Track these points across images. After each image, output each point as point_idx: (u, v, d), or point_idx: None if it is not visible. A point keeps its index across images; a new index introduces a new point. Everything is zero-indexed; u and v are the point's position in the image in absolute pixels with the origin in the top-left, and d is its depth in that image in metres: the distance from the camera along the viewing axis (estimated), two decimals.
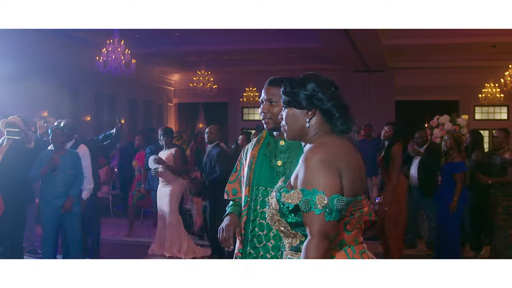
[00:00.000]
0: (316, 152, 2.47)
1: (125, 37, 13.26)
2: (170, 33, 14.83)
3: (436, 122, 10.19)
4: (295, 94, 2.62)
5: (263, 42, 16.01)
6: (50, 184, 7.20)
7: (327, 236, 2.37)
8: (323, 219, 2.36)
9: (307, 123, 2.61)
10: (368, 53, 16.89)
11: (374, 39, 14.60)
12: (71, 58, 15.09)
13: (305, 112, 2.62)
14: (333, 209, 2.36)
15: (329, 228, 2.37)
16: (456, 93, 19.77)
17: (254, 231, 3.34)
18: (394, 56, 18.24)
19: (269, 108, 3.32)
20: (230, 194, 3.63)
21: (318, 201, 2.35)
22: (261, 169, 3.37)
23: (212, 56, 18.19)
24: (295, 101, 2.62)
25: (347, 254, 2.55)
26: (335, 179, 2.41)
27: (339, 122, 2.61)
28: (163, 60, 19.36)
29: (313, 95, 2.59)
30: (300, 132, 2.65)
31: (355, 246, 2.59)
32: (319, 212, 2.35)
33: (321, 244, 2.36)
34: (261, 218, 3.29)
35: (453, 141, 7.77)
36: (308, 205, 2.37)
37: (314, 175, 2.40)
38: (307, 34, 14.60)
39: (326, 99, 2.59)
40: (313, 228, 2.37)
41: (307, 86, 2.60)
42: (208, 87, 18.53)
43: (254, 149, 3.47)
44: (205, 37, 15.19)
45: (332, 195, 2.37)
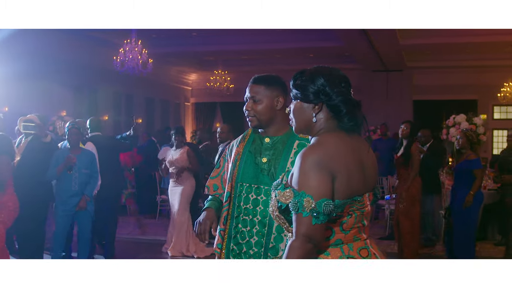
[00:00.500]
0: (311, 153, 2.44)
1: (142, 37, 13.32)
2: (187, 33, 14.85)
3: (452, 121, 10.17)
4: (304, 88, 2.59)
5: (280, 42, 15.99)
6: (65, 183, 7.23)
7: (311, 239, 2.36)
8: (309, 222, 2.35)
9: (314, 117, 2.58)
10: (386, 53, 16.83)
11: (392, 39, 14.55)
12: (89, 58, 15.17)
13: (312, 106, 2.59)
14: (320, 212, 2.34)
15: (314, 231, 2.36)
16: (474, 92, 19.61)
17: (237, 227, 3.32)
18: (412, 55, 18.15)
19: (252, 105, 3.40)
20: (211, 189, 3.62)
21: (305, 204, 2.34)
22: (245, 166, 3.36)
23: (229, 56, 18.20)
24: (303, 95, 2.60)
25: (342, 251, 2.51)
26: (325, 183, 2.38)
27: (346, 118, 2.55)
28: (180, 59, 19.39)
29: (320, 89, 2.55)
30: (307, 125, 2.63)
31: (353, 243, 2.54)
32: (306, 215, 2.34)
33: (304, 246, 2.36)
34: (245, 214, 3.30)
35: (466, 140, 7.76)
36: (297, 207, 2.36)
37: (305, 177, 2.39)
38: (325, 34, 14.57)
39: (333, 94, 2.55)
40: (299, 229, 2.37)
41: (316, 81, 2.57)
42: (225, 87, 18.55)
43: (239, 146, 3.49)
44: (222, 37, 15.20)
45: (320, 199, 2.34)
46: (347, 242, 2.52)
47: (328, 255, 2.49)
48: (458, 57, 18.09)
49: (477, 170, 7.59)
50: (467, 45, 16.09)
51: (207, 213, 3.42)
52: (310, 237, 2.35)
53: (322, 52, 17.50)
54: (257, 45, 16.43)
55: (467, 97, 19.57)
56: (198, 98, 22.83)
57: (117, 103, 17.69)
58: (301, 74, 2.64)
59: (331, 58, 18.30)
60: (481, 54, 17.48)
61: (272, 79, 3.43)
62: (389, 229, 10.36)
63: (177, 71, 21.39)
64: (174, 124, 17.08)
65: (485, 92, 19.33)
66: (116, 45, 13.86)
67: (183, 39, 15.74)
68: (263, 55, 18.39)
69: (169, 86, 21.09)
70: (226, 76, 18.69)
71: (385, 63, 18.56)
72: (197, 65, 20.62)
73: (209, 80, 18.86)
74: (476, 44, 15.85)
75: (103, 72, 15.21)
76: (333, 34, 14.32)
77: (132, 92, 18.17)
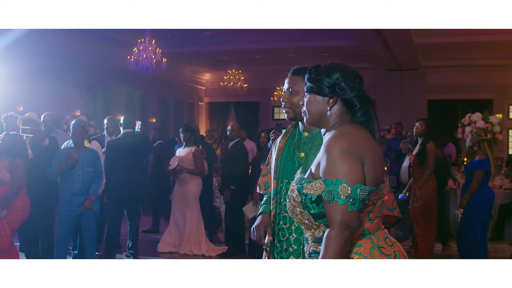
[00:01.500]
0: (338, 142, 2.46)
1: (156, 36, 13.35)
2: (201, 33, 14.87)
3: (468, 120, 10.11)
4: (319, 81, 2.63)
5: (294, 41, 15.98)
6: (68, 181, 7.08)
7: (348, 227, 2.37)
8: (345, 210, 2.36)
9: (328, 111, 2.62)
10: (400, 52, 16.77)
11: (406, 38, 14.50)
12: (103, 57, 15.22)
13: (326, 100, 2.62)
14: (356, 199, 2.36)
15: (351, 218, 2.37)
16: (490, 91, 19.48)
17: (279, 224, 3.32)
18: (426, 54, 18.06)
19: (289, 97, 3.35)
20: (262, 188, 3.62)
21: (341, 192, 2.35)
22: (285, 162, 3.34)
23: (243, 55, 18.21)
24: (318, 88, 2.63)
25: (372, 242, 2.55)
26: (357, 169, 2.41)
27: (359, 113, 2.60)
28: (194, 59, 19.42)
29: (336, 83, 2.60)
30: (320, 118, 2.66)
31: (378, 233, 2.60)
32: (342, 202, 2.35)
33: (342, 235, 2.36)
34: (285, 211, 3.27)
35: (474, 140, 7.72)
36: (331, 196, 2.37)
37: (336, 165, 2.40)
38: (339, 33, 14.54)
39: (349, 89, 2.59)
40: (335, 218, 2.37)
41: (332, 75, 2.61)
42: (239, 86, 18.56)
43: (281, 141, 3.46)
44: (236, 36, 15.21)
45: (355, 185, 2.37)
46: (373, 232, 2.58)
47: (360, 247, 2.53)
48: (473, 56, 17.98)
49: (477, 172, 7.52)
50: (482, 44, 15.99)
51: (261, 218, 3.42)
52: (347, 225, 2.36)
53: (336, 51, 17.45)
54: (271, 44, 16.43)
55: (483, 96, 19.44)
56: (212, 98, 22.86)
57: (131, 103, 17.73)
58: (316, 68, 2.69)
59: (345, 57, 18.22)
60: (496, 53, 17.36)
61: None
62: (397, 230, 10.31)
63: (191, 71, 21.42)
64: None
65: (500, 91, 19.21)
66: (130, 45, 13.90)
67: (197, 38, 15.76)
68: (277, 55, 18.38)
69: (183, 85, 21.13)
70: (239, 75, 18.70)
71: (400, 62, 18.48)
72: (211, 65, 20.64)
73: (223, 80, 18.88)
74: (492, 43, 15.75)
75: (117, 71, 15.27)
76: (348, 33, 14.29)
77: (146, 91, 18.22)
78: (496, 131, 9.86)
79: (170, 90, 19.83)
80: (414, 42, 15.16)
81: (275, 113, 22.38)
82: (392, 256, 2.56)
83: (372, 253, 2.52)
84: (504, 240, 9.97)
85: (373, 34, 13.91)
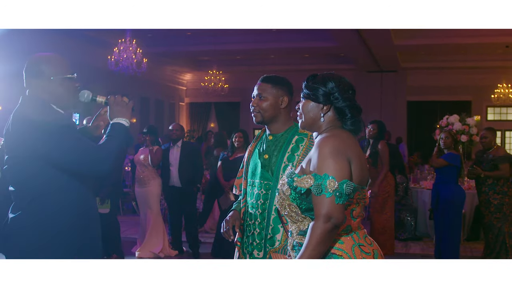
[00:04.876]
0: (329, 141, 2.69)
1: (137, 36, 13.31)
2: (182, 33, 14.86)
3: (445, 122, 10.21)
4: (315, 89, 2.86)
5: (275, 42, 16.01)
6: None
7: (332, 218, 2.55)
8: (332, 202, 2.56)
9: (322, 117, 2.86)
10: (380, 53, 16.87)
11: (386, 40, 14.59)
12: (84, 57, 15.15)
13: (321, 107, 2.86)
14: (342, 193, 2.56)
15: (335, 211, 2.55)
16: (468, 93, 19.67)
17: (246, 221, 3.58)
18: (406, 56, 18.20)
19: (258, 102, 3.56)
20: (238, 188, 3.84)
21: (329, 185, 2.56)
22: (253, 163, 3.62)
23: (224, 56, 18.22)
24: (314, 95, 2.86)
25: (353, 239, 2.73)
26: (345, 166, 2.63)
27: (349, 122, 2.85)
28: (175, 59, 19.40)
29: (331, 93, 2.83)
30: (313, 123, 2.89)
31: (359, 231, 2.78)
32: (329, 195, 2.55)
33: (326, 225, 2.55)
34: (250, 208, 3.56)
35: (451, 140, 7.85)
36: (320, 189, 2.57)
37: (326, 162, 2.62)
38: (320, 34, 14.61)
39: (342, 99, 2.84)
40: (321, 210, 2.57)
41: (327, 84, 2.84)
42: (219, 87, 18.53)
43: (252, 145, 3.73)
44: (217, 36, 15.21)
45: (341, 180, 2.58)
46: (354, 230, 2.77)
47: (342, 244, 2.70)
48: (453, 58, 18.14)
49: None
50: (462, 46, 16.15)
51: (231, 214, 3.61)
52: (331, 216, 2.55)
53: (317, 52, 17.54)
54: (252, 45, 16.46)
55: (461, 98, 19.64)
56: (192, 98, 22.85)
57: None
58: (314, 77, 2.93)
59: (326, 59, 18.35)
60: (475, 55, 17.55)
61: (279, 79, 3.64)
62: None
63: (172, 71, 21.39)
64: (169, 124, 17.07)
65: (479, 93, 19.40)
66: (110, 45, 13.85)
67: (178, 39, 15.75)
68: (257, 55, 18.43)
69: (163, 85, 21.10)
70: (220, 76, 18.67)
71: (380, 64, 18.60)
72: (192, 65, 20.63)
73: (204, 80, 18.83)
74: (471, 45, 15.91)
75: (97, 71, 15.20)
76: (328, 34, 14.36)
77: (126, 91, 18.07)
78: (473, 133, 9.99)
79: (151, 91, 19.79)
80: (394, 44, 15.26)
81: None
82: (371, 254, 2.73)
83: (353, 250, 2.69)
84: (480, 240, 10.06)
85: (353, 36, 13.99)
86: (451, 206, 7.72)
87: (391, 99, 19.61)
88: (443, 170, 7.82)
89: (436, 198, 7.92)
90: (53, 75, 3.20)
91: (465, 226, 9.81)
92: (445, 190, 7.75)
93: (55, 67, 3.24)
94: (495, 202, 7.90)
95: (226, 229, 3.51)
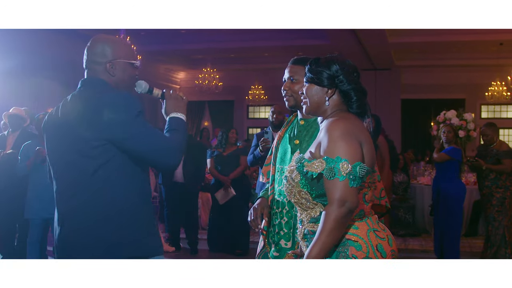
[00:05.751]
0: (339, 124, 2.64)
1: (130, 34, 13.26)
2: (175, 31, 14.81)
3: (443, 117, 10.22)
4: (319, 72, 2.81)
5: (268, 40, 16.01)
6: (39, 175, 6.55)
7: (346, 202, 2.48)
8: (345, 186, 2.50)
9: (327, 101, 2.80)
10: (374, 51, 16.86)
11: (380, 38, 14.58)
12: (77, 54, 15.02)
13: (325, 90, 2.80)
14: (356, 176, 2.51)
15: (349, 194, 2.50)
16: (462, 91, 19.69)
17: (273, 209, 3.45)
18: (400, 54, 18.19)
19: (290, 85, 3.45)
20: (265, 176, 3.71)
21: (341, 168, 2.50)
22: (282, 149, 3.48)
23: (218, 54, 18.18)
24: (318, 79, 2.81)
25: (368, 225, 2.69)
26: (357, 148, 2.58)
27: (355, 105, 2.81)
28: (169, 57, 19.34)
29: (335, 75, 2.79)
30: (318, 107, 2.84)
31: (371, 217, 2.76)
32: (342, 179, 2.50)
33: (341, 209, 2.48)
34: (278, 196, 3.42)
35: (453, 134, 7.85)
36: (332, 172, 2.51)
37: (338, 145, 2.56)
38: (314, 32, 14.58)
39: (347, 81, 2.79)
40: (334, 194, 2.51)
41: (331, 67, 2.81)
42: (213, 85, 18.49)
43: (282, 131, 3.60)
44: (211, 35, 15.17)
45: (354, 163, 2.52)
46: (368, 215, 2.75)
47: (357, 229, 2.66)
48: (446, 56, 18.15)
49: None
50: (455, 44, 16.15)
51: (259, 201, 3.50)
52: (345, 201, 2.49)
53: (311, 50, 17.48)
54: (245, 43, 16.44)
55: (455, 96, 19.63)
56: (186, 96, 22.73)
57: None
58: (317, 60, 2.88)
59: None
60: (469, 53, 17.55)
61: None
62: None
63: (166, 69, 21.34)
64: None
65: (473, 91, 19.42)
66: None
67: (171, 37, 15.70)
68: (251, 54, 18.40)
69: (157, 84, 21.01)
70: (214, 74, 18.63)
71: (374, 62, 18.59)
72: (186, 63, 20.57)
73: (198, 78, 18.78)
74: (464, 43, 15.92)
75: None
76: (322, 32, 14.34)
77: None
78: (470, 129, 10.00)
79: None
80: (388, 42, 15.25)
81: (250, 112, 22.39)
82: (385, 239, 2.69)
83: (368, 236, 2.65)
84: (478, 236, 10.09)
85: (347, 34, 13.98)
86: (452, 201, 7.73)
87: (385, 97, 19.60)
88: (444, 165, 7.82)
89: (436, 193, 7.92)
90: (116, 58, 3.08)
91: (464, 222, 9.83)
92: (446, 185, 7.75)
93: (119, 50, 3.13)
94: (498, 195, 7.93)
95: (253, 217, 3.40)
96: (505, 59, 16.48)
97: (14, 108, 7.62)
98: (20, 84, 12.57)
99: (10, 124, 7.56)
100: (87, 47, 3.15)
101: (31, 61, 12.64)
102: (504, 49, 15.95)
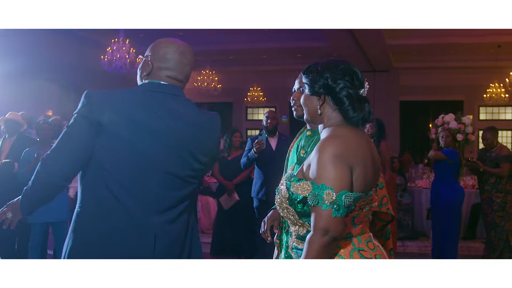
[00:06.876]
0: (330, 145, 2.44)
1: (130, 36, 13.29)
2: (174, 33, 14.82)
3: (441, 121, 10.24)
4: (310, 80, 2.66)
5: (267, 42, 16.01)
6: None
7: (329, 232, 2.33)
8: (329, 215, 2.33)
9: (319, 109, 2.64)
10: (373, 53, 16.88)
11: (379, 39, 14.60)
12: (76, 57, 15.12)
13: (316, 98, 2.64)
14: (341, 205, 2.34)
15: (332, 224, 2.34)
16: (460, 93, 19.73)
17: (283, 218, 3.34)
18: (399, 56, 18.22)
19: (298, 95, 3.35)
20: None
21: (326, 197, 2.33)
22: (291, 160, 3.44)
23: (217, 56, 18.19)
24: (308, 87, 2.67)
25: (353, 244, 2.56)
26: (345, 175, 2.39)
27: (350, 112, 2.58)
28: None
29: (324, 83, 2.61)
30: (314, 116, 2.69)
31: (361, 236, 2.60)
32: (326, 207, 2.33)
33: (322, 239, 2.34)
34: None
35: (452, 139, 7.87)
36: (316, 200, 2.36)
37: (325, 170, 2.38)
38: (312, 34, 14.61)
39: (337, 87, 2.60)
40: (317, 223, 2.36)
41: (321, 73, 2.63)
42: (212, 87, 18.51)
43: (293, 141, 3.54)
44: (210, 36, 15.19)
45: (340, 191, 2.35)
46: (356, 235, 2.58)
47: (339, 248, 2.53)
48: (445, 58, 18.17)
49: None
50: (454, 46, 16.17)
51: (271, 213, 3.49)
52: (328, 230, 2.33)
53: (309, 52, 17.50)
54: (244, 45, 16.45)
55: (454, 98, 19.68)
56: None
57: None
58: (308, 67, 2.73)
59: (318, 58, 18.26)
60: (467, 55, 17.57)
61: None
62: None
63: None
64: None
65: (471, 92, 19.45)
66: (103, 45, 13.82)
67: None
68: (250, 55, 18.39)
69: None
70: (213, 76, 18.66)
71: (372, 64, 18.61)
72: None
73: (197, 80, 18.81)
74: (463, 45, 15.94)
75: (91, 71, 15.17)
76: (320, 34, 14.36)
77: None
78: (469, 132, 10.02)
79: None
80: (386, 44, 15.27)
81: (249, 114, 22.40)
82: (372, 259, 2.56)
83: (352, 255, 2.53)
84: (476, 239, 10.11)
85: (346, 35, 14.00)
86: (451, 205, 7.74)
87: (383, 99, 19.62)
88: (442, 168, 7.82)
89: (435, 197, 7.93)
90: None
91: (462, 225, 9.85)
92: (444, 188, 7.75)
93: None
94: (498, 200, 7.92)
95: (264, 229, 3.40)
96: (503, 61, 16.52)
97: (10, 113, 7.60)
98: (20, 87, 12.58)
99: (6, 129, 7.53)
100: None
101: (30, 64, 12.65)
102: (502, 51, 15.97)
